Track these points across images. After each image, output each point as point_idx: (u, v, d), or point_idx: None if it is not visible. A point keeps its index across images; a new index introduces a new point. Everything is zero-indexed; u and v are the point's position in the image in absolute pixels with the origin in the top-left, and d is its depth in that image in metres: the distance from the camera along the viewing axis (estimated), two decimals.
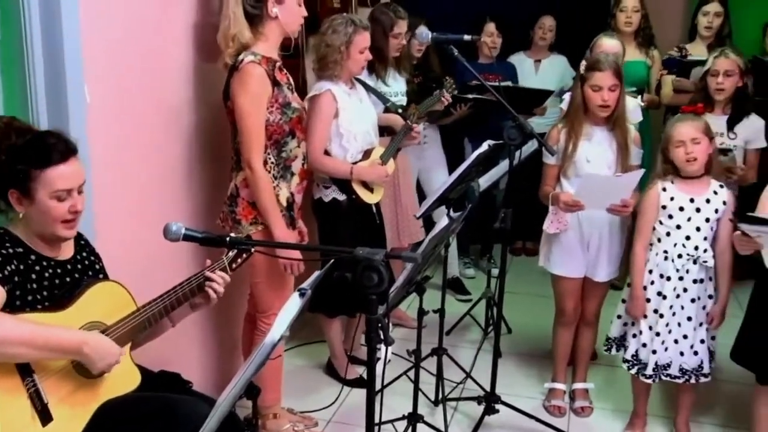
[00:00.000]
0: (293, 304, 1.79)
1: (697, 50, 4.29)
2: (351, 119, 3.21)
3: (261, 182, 2.70)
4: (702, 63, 3.61)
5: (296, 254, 2.76)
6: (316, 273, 1.91)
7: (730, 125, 3.39)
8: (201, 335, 3.13)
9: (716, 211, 2.87)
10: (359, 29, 3.14)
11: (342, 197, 3.27)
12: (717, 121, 3.32)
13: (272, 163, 2.77)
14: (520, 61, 4.93)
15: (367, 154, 3.28)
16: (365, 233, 3.30)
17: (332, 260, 2.03)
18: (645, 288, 2.98)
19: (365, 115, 3.34)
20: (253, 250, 2.23)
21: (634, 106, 3.37)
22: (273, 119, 2.73)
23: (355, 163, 3.23)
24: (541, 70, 4.92)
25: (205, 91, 2.94)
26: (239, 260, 2.25)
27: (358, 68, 3.23)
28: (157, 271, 2.57)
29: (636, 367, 3.02)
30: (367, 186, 3.31)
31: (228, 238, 2.00)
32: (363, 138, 3.27)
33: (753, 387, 2.86)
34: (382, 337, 1.89)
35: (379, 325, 1.89)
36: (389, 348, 2.09)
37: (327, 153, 3.18)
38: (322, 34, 3.13)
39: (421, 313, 3.11)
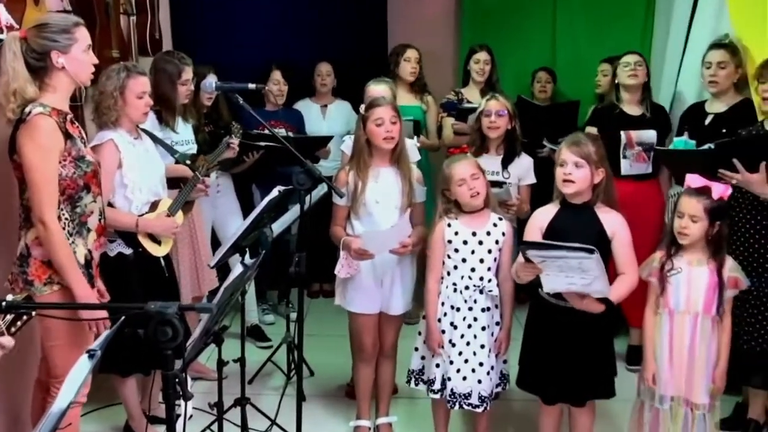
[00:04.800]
0: (82, 367, 1.70)
1: (470, 94, 4.68)
2: (136, 169, 3.12)
3: (55, 238, 2.55)
4: (476, 109, 3.92)
5: (101, 313, 2.62)
6: (106, 332, 1.83)
7: (504, 165, 3.68)
8: None
9: (497, 242, 3.08)
10: (133, 74, 3.10)
11: (128, 251, 3.16)
12: (492, 161, 3.61)
13: (66, 219, 2.62)
14: (307, 107, 5.06)
15: (154, 205, 3.19)
16: (156, 287, 3.20)
17: (122, 317, 1.95)
18: (439, 320, 3.12)
19: (151, 165, 3.26)
20: (34, 313, 2.09)
21: (410, 146, 3.57)
22: (66, 173, 2.59)
23: (141, 215, 3.14)
24: (328, 115, 5.08)
25: None
26: (19, 323, 2.09)
27: (138, 115, 3.15)
28: None
29: (439, 394, 3.14)
30: (155, 238, 3.22)
31: (3, 303, 1.86)
32: (149, 189, 3.19)
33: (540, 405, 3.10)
34: (180, 392, 1.85)
35: (177, 380, 1.84)
36: (189, 403, 2.03)
37: (111, 205, 3.07)
38: (96, 83, 3.04)
39: (221, 363, 3.05)
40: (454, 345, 3.09)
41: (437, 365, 3.14)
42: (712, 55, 3.71)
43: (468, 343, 3.08)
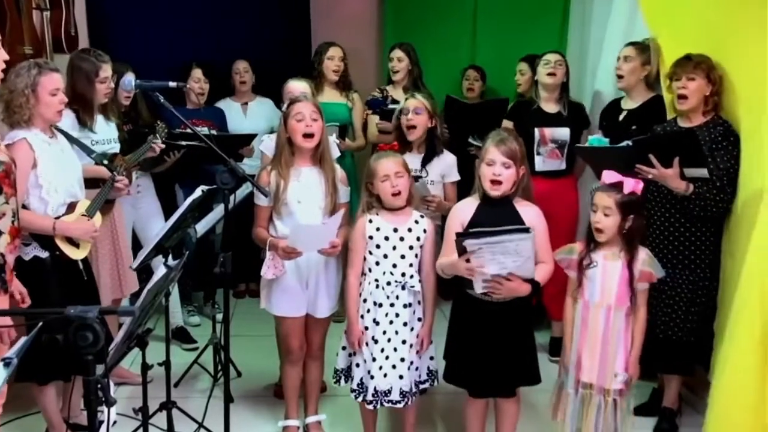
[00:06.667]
0: None
1: (395, 92, 4.71)
2: (51, 170, 3.03)
3: None
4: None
5: (6, 320, 2.52)
6: (23, 339, 1.77)
7: (423, 163, 3.71)
8: None
9: (418, 238, 3.11)
10: (45, 71, 3.00)
11: (44, 254, 3.06)
12: (414, 159, 3.63)
13: None
14: (228, 105, 5.02)
15: (71, 207, 3.10)
16: (75, 291, 3.11)
17: (40, 323, 1.90)
18: (362, 317, 3.13)
19: (68, 166, 3.17)
20: None
21: (330, 143, 3.56)
22: None
23: (57, 217, 3.05)
24: (249, 113, 5.05)
25: None
26: None
27: (52, 113, 3.06)
28: None
29: (362, 395, 3.15)
30: (72, 241, 3.12)
31: None
32: (66, 190, 3.10)
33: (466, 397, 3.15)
34: (103, 398, 1.81)
35: (99, 385, 1.80)
36: (112, 409, 1.98)
37: (25, 207, 2.96)
38: (6, 81, 2.94)
39: (145, 367, 2.99)
40: (376, 341, 3.10)
41: (357, 365, 3.16)
42: (622, 51, 3.90)
43: (389, 340, 3.10)
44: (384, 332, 3.10)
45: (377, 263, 3.11)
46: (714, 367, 3.27)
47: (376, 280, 3.11)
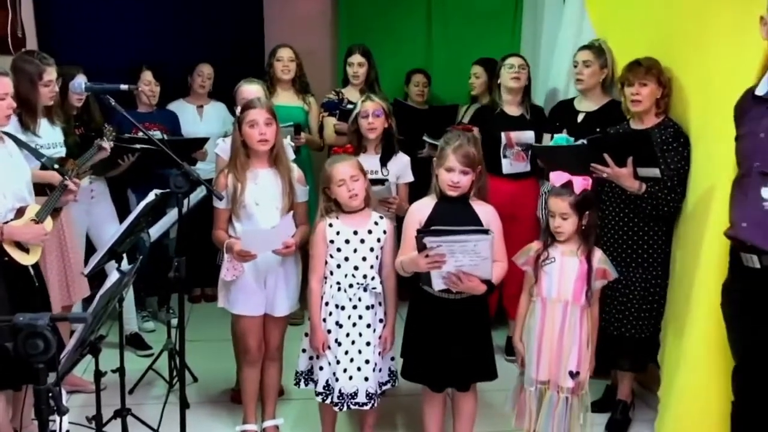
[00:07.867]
0: None
1: (351, 94, 4.68)
2: None
3: None
4: None
5: None
6: None
7: (383, 163, 3.72)
8: None
9: (378, 240, 3.13)
10: None
11: None
12: (370, 160, 3.63)
13: None
14: (182, 107, 4.96)
15: (20, 212, 3.03)
16: (25, 297, 3.02)
17: None
18: (325, 320, 3.13)
19: (16, 170, 3.09)
20: None
21: (285, 146, 3.54)
22: None
23: (6, 222, 2.98)
24: (205, 116, 5.01)
25: None
26: None
27: (0, 117, 2.99)
28: None
29: (329, 397, 3.14)
30: (22, 246, 3.05)
31: None
32: (14, 195, 3.02)
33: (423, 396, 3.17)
34: (54, 407, 1.77)
35: (50, 394, 1.76)
36: (65, 418, 1.95)
37: None
38: None
39: (98, 374, 2.95)
40: (340, 344, 3.10)
41: (321, 368, 3.15)
42: (579, 55, 3.95)
43: (353, 342, 3.11)
44: (347, 335, 3.10)
45: (338, 266, 3.11)
46: (664, 363, 3.34)
47: (338, 283, 3.11)
